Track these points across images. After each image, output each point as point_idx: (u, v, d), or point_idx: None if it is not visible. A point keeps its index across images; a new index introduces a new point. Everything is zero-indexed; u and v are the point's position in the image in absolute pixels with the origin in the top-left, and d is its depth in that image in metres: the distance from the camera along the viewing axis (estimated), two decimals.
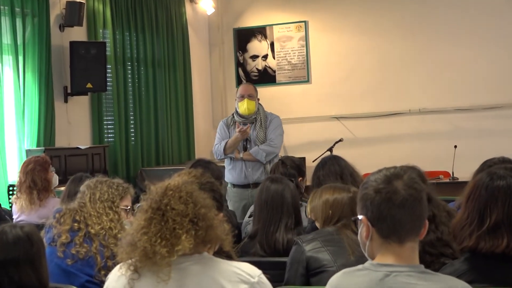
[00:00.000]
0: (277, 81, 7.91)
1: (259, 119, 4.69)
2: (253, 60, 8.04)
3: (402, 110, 7.38)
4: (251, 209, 3.58)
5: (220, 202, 2.36)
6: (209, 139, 7.95)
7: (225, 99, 8.21)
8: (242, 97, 4.67)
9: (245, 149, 4.69)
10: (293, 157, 4.09)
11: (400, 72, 7.41)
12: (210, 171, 3.16)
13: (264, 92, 7.19)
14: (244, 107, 4.65)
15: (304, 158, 7.00)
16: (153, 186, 1.78)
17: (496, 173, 1.89)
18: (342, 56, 7.66)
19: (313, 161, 6.46)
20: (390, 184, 1.56)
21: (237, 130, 4.57)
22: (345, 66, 7.65)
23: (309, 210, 2.60)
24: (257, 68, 8.02)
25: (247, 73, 8.08)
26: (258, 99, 4.74)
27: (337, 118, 7.65)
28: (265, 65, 7.98)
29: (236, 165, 4.69)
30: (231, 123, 4.77)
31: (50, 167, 4.15)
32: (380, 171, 1.62)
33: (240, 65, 8.12)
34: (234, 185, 4.70)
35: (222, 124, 4.81)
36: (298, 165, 3.80)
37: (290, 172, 3.67)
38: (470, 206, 1.88)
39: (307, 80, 7.81)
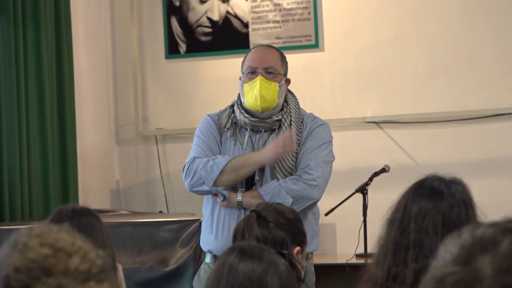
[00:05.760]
0: (251, 45, 7.95)
1: (286, 124, 4.92)
2: (202, 2, 8.20)
3: (509, 108, 7.58)
4: None
5: None
6: (108, 166, 8.27)
7: (143, 86, 8.40)
8: (252, 72, 4.90)
9: (251, 184, 4.90)
10: (281, 204, 4.16)
11: (504, 34, 7.62)
12: (83, 229, 3.40)
13: (226, 67, 7.76)
14: (253, 93, 4.86)
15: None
16: None
17: None
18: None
19: (325, 214, 6.63)
20: (468, 264, 1.68)
21: (280, 137, 4.83)
22: (391, 19, 7.80)
23: None
24: (209, 19, 8.20)
25: (189, 29, 8.26)
26: (288, 80, 5.02)
27: (376, 123, 7.82)
28: (228, 12, 8.18)
29: (221, 216, 4.94)
30: (229, 125, 4.99)
31: None
32: (459, 235, 1.75)
33: (175, 12, 8.29)
34: (215, 257, 4.88)
35: (210, 122, 5.03)
36: (292, 220, 3.87)
37: (276, 237, 3.77)
38: None
39: (314, 44, 7.99)
